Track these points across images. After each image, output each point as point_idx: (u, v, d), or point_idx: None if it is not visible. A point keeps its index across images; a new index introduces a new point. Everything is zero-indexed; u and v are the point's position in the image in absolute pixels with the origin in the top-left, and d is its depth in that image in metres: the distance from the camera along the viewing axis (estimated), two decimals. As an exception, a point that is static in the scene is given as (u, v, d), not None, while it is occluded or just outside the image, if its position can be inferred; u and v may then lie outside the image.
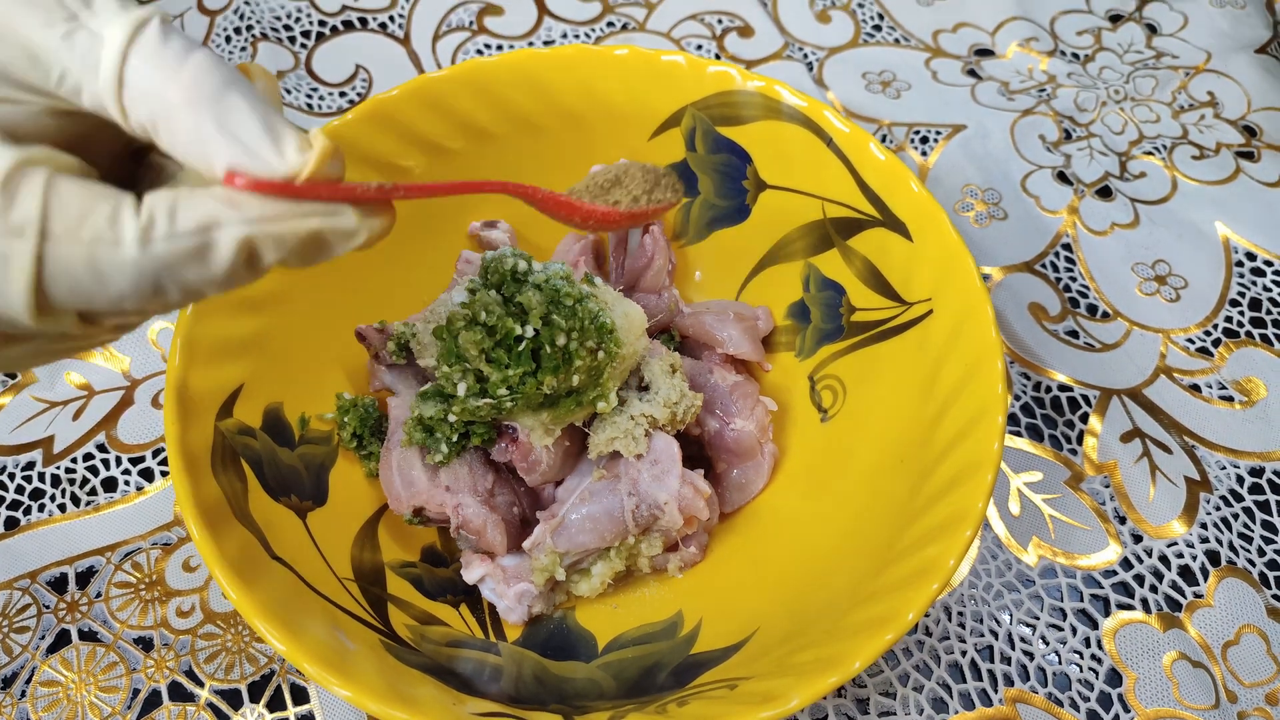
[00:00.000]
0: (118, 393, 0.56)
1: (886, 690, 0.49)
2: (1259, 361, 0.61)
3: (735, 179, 0.55)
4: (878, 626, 0.38)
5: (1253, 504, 0.56)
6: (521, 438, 0.46)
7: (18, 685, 0.47)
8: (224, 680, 0.48)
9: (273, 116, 0.26)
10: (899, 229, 0.49)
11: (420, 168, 0.52)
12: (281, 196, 0.26)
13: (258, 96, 0.26)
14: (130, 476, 0.54)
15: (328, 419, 0.49)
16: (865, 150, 0.49)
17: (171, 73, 0.25)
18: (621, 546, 0.46)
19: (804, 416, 0.53)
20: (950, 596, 0.52)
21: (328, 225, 0.27)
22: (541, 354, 0.41)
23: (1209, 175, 0.69)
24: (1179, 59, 0.76)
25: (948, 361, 0.45)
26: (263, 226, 0.26)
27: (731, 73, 0.52)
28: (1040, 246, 0.65)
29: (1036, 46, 0.77)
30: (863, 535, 0.45)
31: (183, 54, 0.25)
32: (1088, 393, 0.59)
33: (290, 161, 0.26)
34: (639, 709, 0.39)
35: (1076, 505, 0.55)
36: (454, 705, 0.38)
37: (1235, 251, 0.66)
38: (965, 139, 0.70)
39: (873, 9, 0.78)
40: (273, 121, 0.26)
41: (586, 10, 0.76)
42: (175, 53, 0.25)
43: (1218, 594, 0.53)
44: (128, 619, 0.49)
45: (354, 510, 0.48)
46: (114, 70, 0.25)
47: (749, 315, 0.54)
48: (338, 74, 0.72)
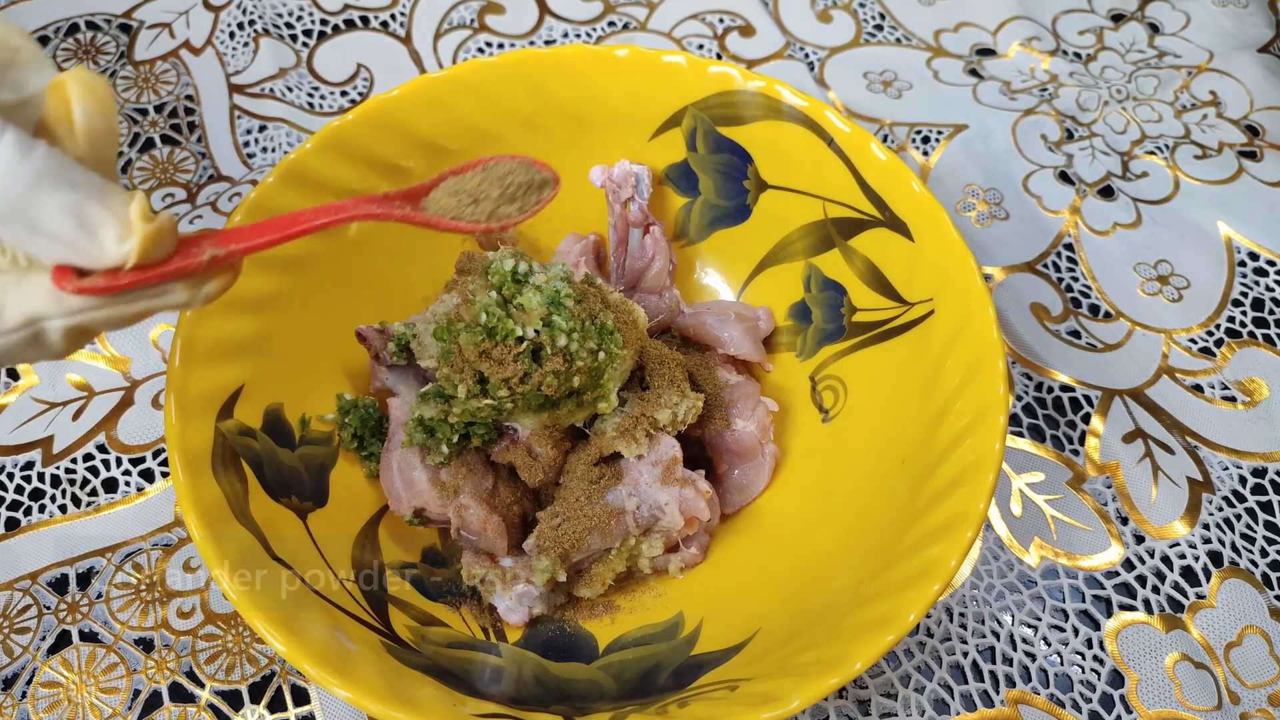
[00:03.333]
0: (118, 393, 0.56)
1: (888, 691, 0.49)
2: (1261, 362, 0.61)
3: (736, 179, 0.54)
4: (879, 627, 0.38)
5: (1255, 504, 0.56)
6: (522, 438, 0.46)
7: (18, 686, 0.47)
8: (225, 681, 0.48)
9: (87, 206, 0.24)
10: (900, 229, 0.49)
11: (420, 168, 0.52)
12: (107, 293, 0.25)
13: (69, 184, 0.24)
14: (131, 477, 0.54)
15: (328, 420, 0.49)
16: (866, 150, 0.49)
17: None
18: (622, 547, 0.46)
19: (805, 417, 0.53)
20: (952, 597, 0.52)
21: (156, 304, 0.26)
22: (542, 355, 0.41)
23: (1211, 175, 0.69)
24: (1181, 58, 0.76)
25: (949, 362, 0.45)
26: (89, 315, 0.25)
27: (732, 73, 0.52)
28: (1042, 246, 0.65)
29: (1038, 46, 0.76)
30: (864, 536, 0.45)
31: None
32: (1090, 393, 0.59)
33: (110, 255, 0.25)
34: (640, 710, 0.39)
35: (1078, 506, 0.55)
36: (454, 706, 0.38)
37: (1238, 251, 0.66)
38: (967, 139, 0.70)
39: (874, 8, 0.78)
40: (87, 213, 0.24)
41: (588, 9, 0.76)
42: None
43: (1220, 595, 0.53)
44: (128, 620, 0.49)
45: (354, 511, 0.48)
46: None
47: (750, 315, 0.54)
48: (339, 73, 0.72)
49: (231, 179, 0.65)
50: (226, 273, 0.27)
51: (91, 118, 0.27)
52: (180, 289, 0.26)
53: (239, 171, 0.66)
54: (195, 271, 0.26)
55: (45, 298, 0.25)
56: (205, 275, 0.27)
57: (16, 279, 0.25)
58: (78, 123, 0.27)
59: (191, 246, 0.26)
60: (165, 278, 0.26)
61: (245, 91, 0.70)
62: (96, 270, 0.25)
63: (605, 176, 0.54)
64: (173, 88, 0.70)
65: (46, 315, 0.25)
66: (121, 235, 0.25)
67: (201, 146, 0.67)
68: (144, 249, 0.25)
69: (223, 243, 0.27)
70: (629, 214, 0.54)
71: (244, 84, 0.70)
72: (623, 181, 0.54)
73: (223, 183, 0.65)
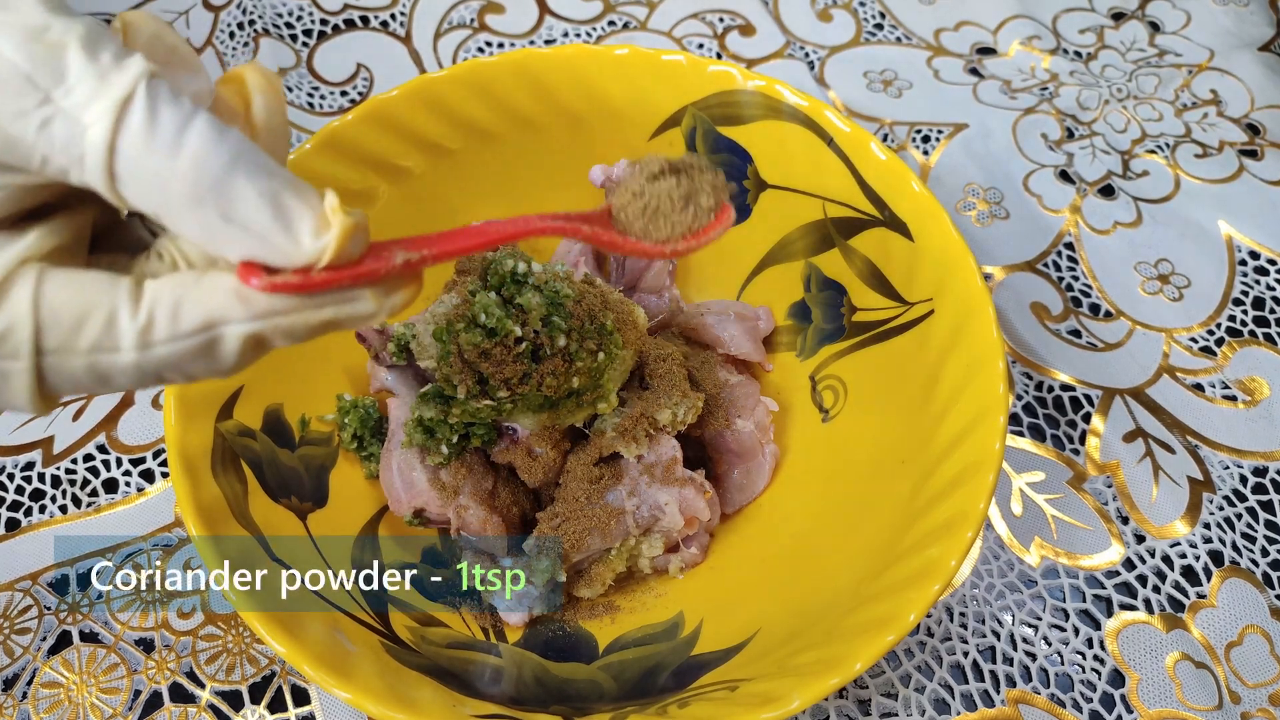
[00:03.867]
0: (118, 394, 0.56)
1: (888, 691, 0.49)
2: (1262, 361, 0.61)
3: (736, 179, 0.54)
4: (879, 627, 0.38)
5: (1256, 504, 0.56)
6: (522, 439, 0.46)
7: (19, 687, 0.47)
8: (225, 681, 0.48)
9: (284, 195, 0.23)
10: (900, 229, 0.49)
11: (420, 168, 0.52)
12: (298, 293, 0.24)
13: (265, 170, 0.23)
14: (131, 478, 0.54)
15: (328, 420, 0.49)
16: (866, 150, 0.49)
17: (166, 162, 0.22)
18: (622, 547, 0.46)
19: (805, 417, 0.52)
20: (952, 597, 0.52)
21: (342, 313, 0.24)
22: (541, 355, 0.41)
23: (1212, 174, 0.69)
24: (1182, 57, 0.76)
25: (949, 361, 0.45)
26: (272, 321, 0.24)
27: (732, 72, 0.52)
28: (1042, 246, 0.65)
29: (1039, 45, 0.76)
30: (864, 536, 0.45)
31: (176, 136, 0.22)
32: (1090, 392, 0.59)
33: (306, 250, 0.23)
34: (640, 710, 0.39)
35: (1079, 505, 0.55)
36: (454, 707, 0.38)
37: (1238, 250, 0.66)
38: (967, 138, 0.70)
39: (874, 8, 0.78)
40: (284, 203, 0.23)
41: (588, 9, 0.76)
42: (168, 136, 0.22)
43: (1221, 594, 0.52)
44: (129, 620, 0.49)
45: (354, 512, 0.48)
46: (101, 164, 0.22)
47: (750, 315, 0.54)
48: (339, 73, 0.72)
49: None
50: (414, 282, 0.26)
51: (271, 111, 0.26)
52: (369, 297, 0.24)
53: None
54: (388, 276, 0.25)
55: (229, 298, 0.23)
56: (394, 284, 0.25)
57: (195, 278, 0.24)
58: (258, 116, 0.26)
59: (382, 250, 0.25)
60: (358, 279, 0.24)
61: (245, 91, 0.70)
62: (287, 269, 0.23)
63: (605, 176, 0.54)
64: (173, 88, 0.70)
65: (229, 318, 0.23)
66: (318, 229, 0.23)
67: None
68: (341, 244, 0.23)
69: (414, 248, 0.25)
70: (629, 214, 0.54)
71: (244, 84, 0.70)
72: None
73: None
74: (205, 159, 0.22)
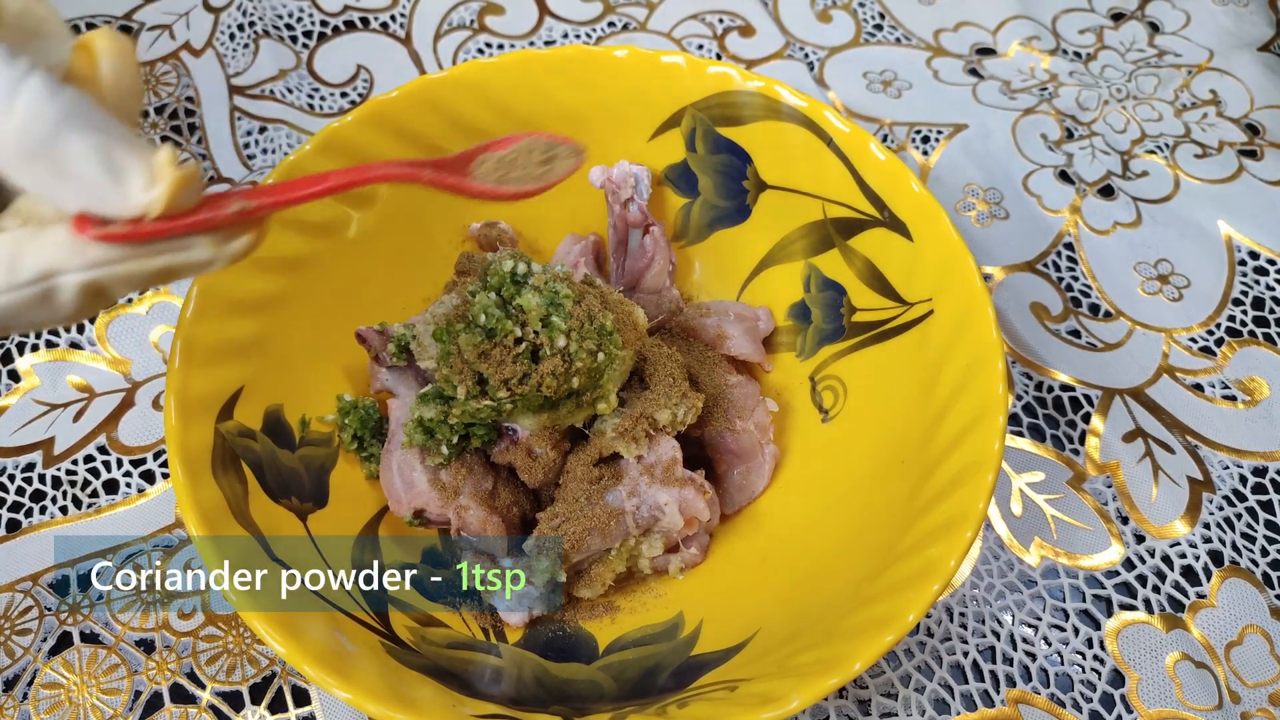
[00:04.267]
0: (118, 395, 0.56)
1: (888, 691, 0.49)
2: (1262, 361, 0.61)
3: (735, 179, 0.54)
4: (879, 627, 0.38)
5: (1256, 504, 0.56)
6: (522, 439, 0.46)
7: (20, 687, 0.47)
8: (225, 682, 0.48)
9: (115, 150, 0.24)
10: (900, 229, 0.49)
11: (420, 169, 0.52)
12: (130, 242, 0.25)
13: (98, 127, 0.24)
14: (131, 479, 0.54)
15: (328, 421, 0.49)
16: (866, 150, 0.49)
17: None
18: (622, 548, 0.46)
19: (805, 417, 0.53)
20: (952, 597, 0.52)
21: (178, 261, 0.25)
22: (541, 355, 0.41)
23: (1211, 174, 0.69)
24: (1181, 57, 0.76)
25: (949, 361, 0.45)
26: (108, 269, 0.25)
27: (731, 73, 0.52)
28: (1042, 246, 0.65)
29: (1038, 45, 0.76)
30: (864, 536, 0.45)
31: (8, 96, 0.23)
32: (1090, 392, 0.59)
33: (136, 201, 0.24)
34: (639, 710, 0.39)
35: (1078, 505, 0.55)
36: (454, 707, 0.38)
37: (1238, 250, 0.66)
38: (966, 138, 0.70)
39: (874, 8, 0.78)
40: (115, 157, 0.24)
41: (587, 10, 0.76)
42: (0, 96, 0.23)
43: (1221, 594, 0.52)
44: (129, 621, 0.49)
45: (354, 512, 0.48)
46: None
47: (750, 316, 0.54)
48: (339, 74, 0.72)
49: (232, 180, 0.65)
50: (252, 229, 0.27)
51: (119, 73, 0.27)
52: (205, 244, 0.25)
53: (239, 173, 0.66)
54: (222, 224, 0.25)
55: (64, 248, 0.24)
56: (231, 231, 0.26)
57: (34, 231, 0.25)
58: (104, 75, 0.27)
59: (219, 200, 0.26)
60: (191, 229, 0.25)
61: (245, 93, 0.70)
62: (120, 219, 0.24)
63: (605, 177, 0.54)
64: (173, 89, 0.70)
65: (64, 267, 0.24)
66: (148, 181, 0.24)
67: (202, 148, 0.67)
68: (171, 195, 0.24)
69: (250, 197, 0.26)
70: (628, 214, 0.54)
71: (244, 85, 0.70)
72: (622, 182, 0.54)
73: (223, 184, 0.65)
74: (36, 117, 0.23)
